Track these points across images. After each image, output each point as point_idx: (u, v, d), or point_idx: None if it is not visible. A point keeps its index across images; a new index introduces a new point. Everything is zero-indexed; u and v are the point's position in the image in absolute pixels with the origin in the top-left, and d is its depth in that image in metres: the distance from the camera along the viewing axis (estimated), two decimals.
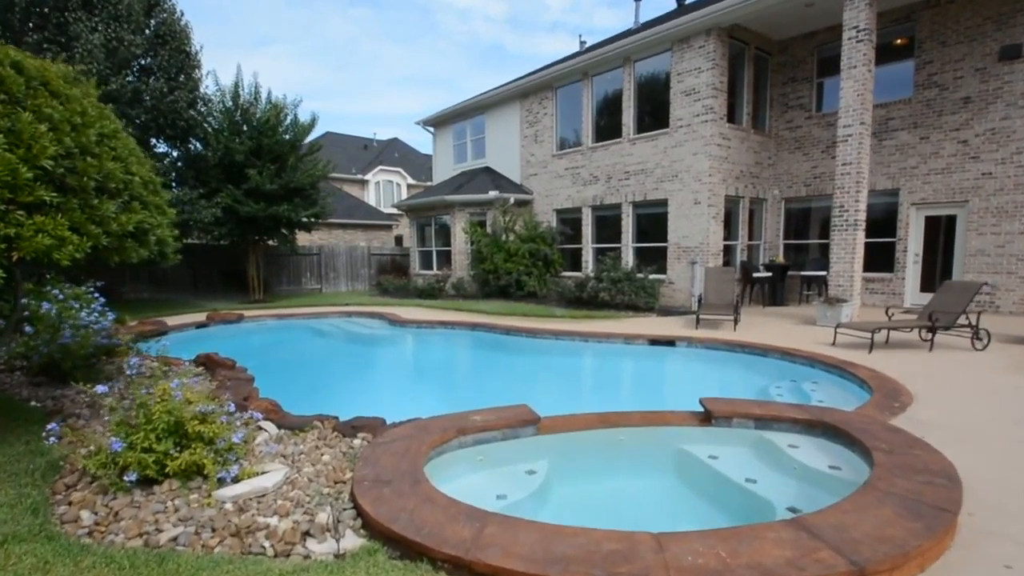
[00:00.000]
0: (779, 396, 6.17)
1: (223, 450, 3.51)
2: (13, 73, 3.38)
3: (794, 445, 4.10)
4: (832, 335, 8.77)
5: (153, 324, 11.02)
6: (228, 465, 3.46)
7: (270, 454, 3.84)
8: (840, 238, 10.63)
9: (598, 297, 13.63)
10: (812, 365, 7.24)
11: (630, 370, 8.87)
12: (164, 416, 3.41)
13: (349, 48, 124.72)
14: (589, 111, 15.97)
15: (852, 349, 7.94)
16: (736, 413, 4.39)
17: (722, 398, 4.81)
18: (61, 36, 11.55)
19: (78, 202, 3.47)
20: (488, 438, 4.23)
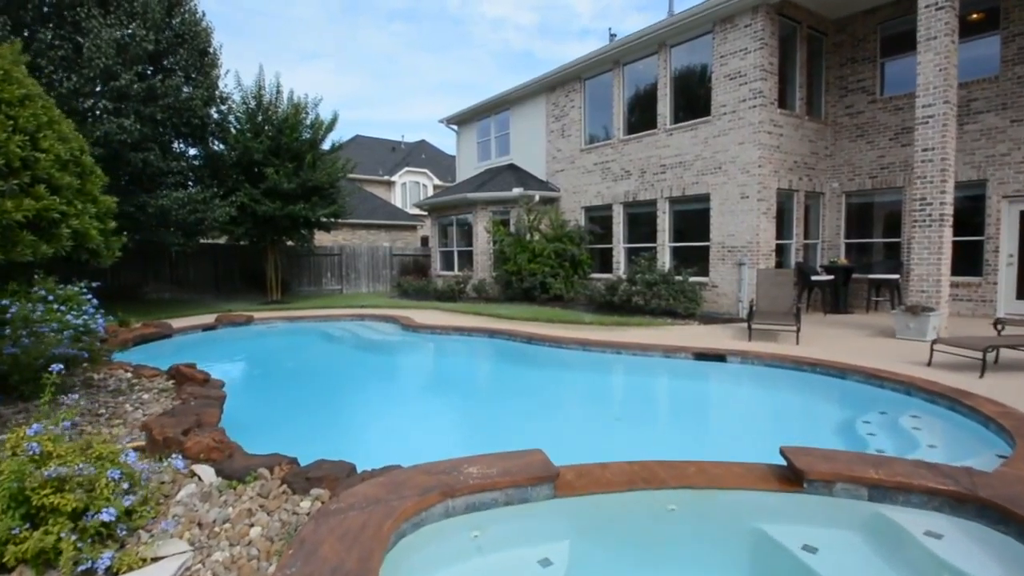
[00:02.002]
0: (871, 437, 4.80)
1: (97, 526, 2.42)
2: None
3: (934, 533, 2.78)
4: (920, 350, 7.29)
5: (157, 327, 10.28)
6: (100, 549, 2.38)
7: (182, 521, 2.78)
8: (922, 236, 9.07)
9: (631, 301, 12.30)
10: (908, 392, 5.81)
11: (673, 393, 7.55)
12: (10, 479, 2.35)
13: (387, 60, 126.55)
14: (620, 101, 14.67)
15: (953, 371, 6.47)
16: (840, 476, 3.10)
17: (814, 449, 3.49)
18: (77, 34, 11.12)
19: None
20: (486, 502, 3.06)
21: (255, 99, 15.53)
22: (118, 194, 11.85)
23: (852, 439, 4.89)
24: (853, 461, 3.28)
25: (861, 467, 3.18)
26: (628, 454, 4.61)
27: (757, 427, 5.75)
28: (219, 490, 3.19)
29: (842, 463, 3.24)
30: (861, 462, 3.27)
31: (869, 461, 3.30)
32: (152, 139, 12.40)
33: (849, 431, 5.10)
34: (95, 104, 11.13)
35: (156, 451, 3.72)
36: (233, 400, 6.64)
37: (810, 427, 5.67)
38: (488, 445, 5.02)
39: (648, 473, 3.44)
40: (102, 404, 5.03)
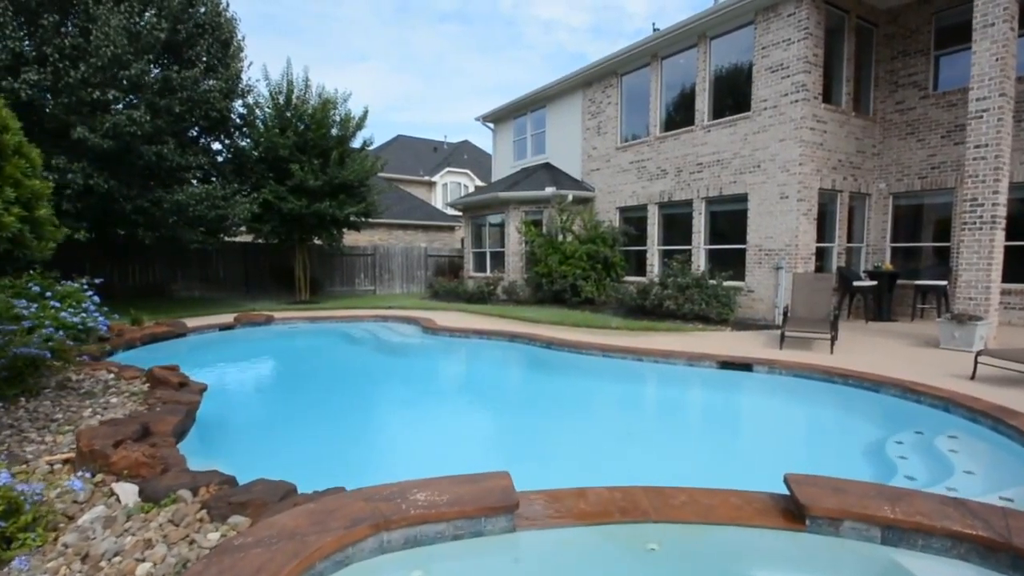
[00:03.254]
0: (902, 461, 4.30)
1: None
2: None
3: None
4: (965, 362, 6.63)
5: (170, 326, 10.40)
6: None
7: (67, 553, 2.53)
8: (972, 239, 8.30)
9: (662, 306, 11.82)
10: (947, 409, 5.23)
11: (692, 404, 7.11)
12: None
13: (437, 61, 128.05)
14: (658, 97, 14.16)
15: (1000, 386, 5.81)
16: (849, 512, 2.69)
17: (822, 479, 3.07)
18: (87, 21, 11.15)
19: None
20: (430, 536, 2.74)
21: (283, 95, 15.59)
22: (131, 188, 12.12)
23: (881, 462, 4.41)
24: (867, 495, 2.86)
25: (875, 503, 2.76)
26: (634, 473, 4.32)
27: (776, 445, 5.28)
28: (127, 515, 2.90)
29: (853, 497, 2.82)
30: (876, 496, 2.85)
31: (886, 495, 2.87)
32: (168, 132, 12.36)
33: (878, 453, 4.59)
34: (103, 95, 11.13)
35: (83, 464, 3.51)
36: (225, 404, 6.60)
37: (835, 446, 5.17)
38: (478, 459, 4.77)
39: (629, 502, 3.10)
40: (64, 408, 4.96)
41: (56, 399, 5.20)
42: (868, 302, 11.62)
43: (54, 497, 3.09)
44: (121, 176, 11.99)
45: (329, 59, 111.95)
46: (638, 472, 4.45)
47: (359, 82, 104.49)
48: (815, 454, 4.99)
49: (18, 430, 4.33)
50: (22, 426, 4.42)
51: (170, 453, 3.91)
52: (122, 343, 9.01)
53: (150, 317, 11.44)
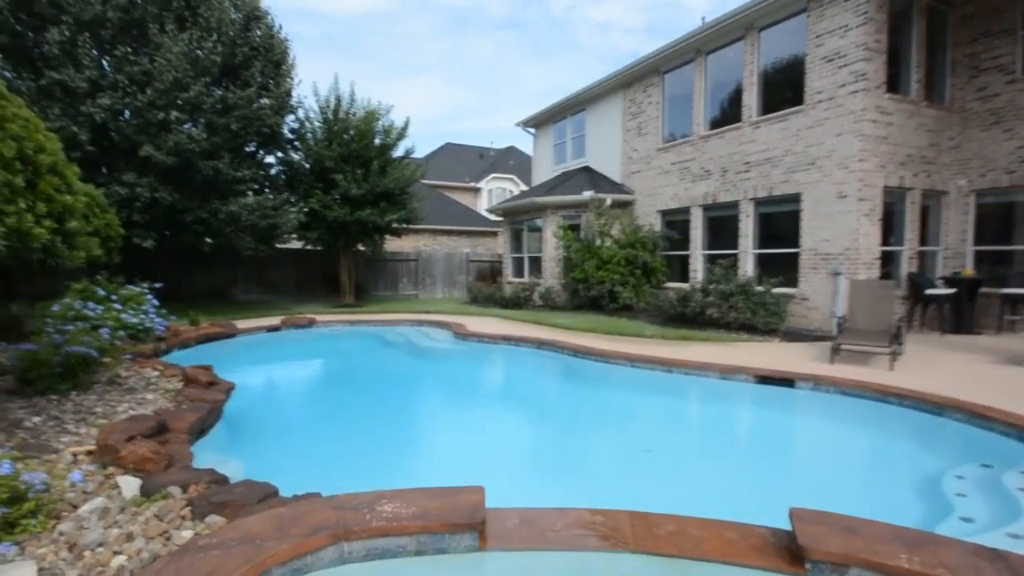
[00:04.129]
0: (960, 499, 3.67)
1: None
2: None
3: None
4: None
5: (222, 327, 10.86)
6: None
7: (59, 541, 2.57)
8: None
9: (704, 314, 11.15)
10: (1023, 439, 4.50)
11: (716, 422, 6.52)
12: None
13: (490, 69, 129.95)
14: (702, 94, 13.49)
15: None
16: (855, 559, 2.24)
17: (833, 516, 2.60)
18: (153, 50, 12.07)
19: None
20: (392, 549, 2.58)
21: (332, 111, 16.15)
22: (192, 200, 12.88)
23: (933, 499, 3.80)
24: (882, 538, 2.37)
25: (890, 548, 2.29)
26: (644, 495, 3.95)
27: (809, 472, 4.69)
28: (121, 507, 2.95)
29: (864, 540, 2.35)
30: (893, 540, 2.36)
31: (906, 540, 2.37)
32: (224, 148, 13.12)
33: (932, 488, 3.97)
34: (166, 116, 11.94)
35: (100, 457, 3.62)
36: (255, 402, 6.79)
37: (880, 478, 4.55)
38: (474, 468, 4.54)
39: (611, 528, 2.77)
40: (106, 403, 5.15)
41: (102, 394, 5.47)
42: (944, 312, 10.48)
43: (67, 486, 3.20)
44: (183, 189, 12.76)
45: (388, 74, 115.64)
46: (648, 494, 4.06)
47: (416, 94, 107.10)
48: (854, 485, 4.39)
49: (60, 422, 4.57)
50: (64, 418, 4.66)
51: (179, 450, 4.00)
52: (178, 342, 9.44)
53: (207, 318, 11.98)
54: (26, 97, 11.11)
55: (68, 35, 11.32)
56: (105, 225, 8.10)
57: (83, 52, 11.43)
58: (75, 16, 11.32)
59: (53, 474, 3.26)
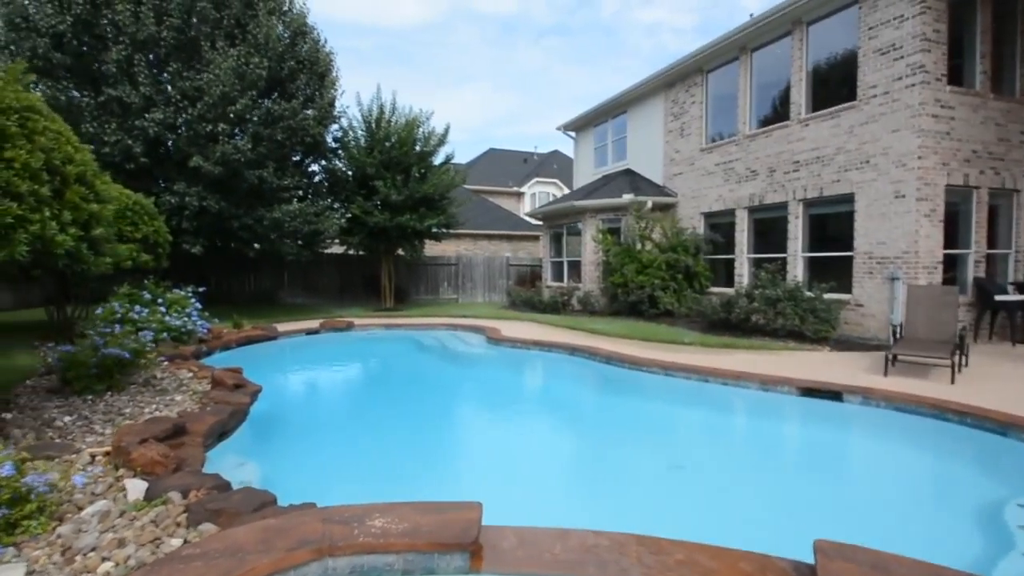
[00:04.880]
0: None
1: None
2: None
3: None
4: None
5: (263, 330, 11.15)
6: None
7: (56, 543, 2.60)
8: None
9: (749, 320, 10.67)
10: None
11: (753, 437, 6.16)
12: None
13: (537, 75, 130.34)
14: (747, 93, 12.97)
15: None
16: None
17: (863, 550, 2.35)
18: (205, 66, 12.69)
19: None
20: (378, 567, 2.48)
21: (375, 120, 16.50)
22: (238, 208, 13.35)
23: (993, 530, 3.44)
24: None
25: None
26: (666, 514, 3.77)
27: (850, 496, 4.32)
28: (121, 511, 2.97)
29: None
30: None
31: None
32: (270, 158, 13.59)
33: (992, 517, 3.59)
34: (214, 128, 12.46)
35: (114, 458, 3.67)
36: (283, 405, 6.92)
37: (931, 504, 4.16)
38: (493, 481, 4.47)
39: (614, 554, 2.60)
40: (136, 404, 5.30)
41: (134, 395, 5.61)
42: (1016, 321, 9.62)
43: (75, 488, 3.23)
44: (229, 197, 13.31)
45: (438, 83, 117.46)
46: (672, 514, 3.87)
47: (464, 102, 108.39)
48: (900, 513, 4.00)
49: (89, 422, 4.69)
50: (94, 419, 4.78)
51: (192, 453, 4.02)
52: (219, 344, 9.72)
53: (250, 321, 12.34)
54: (87, 113, 11.87)
55: (125, 54, 12.03)
56: (153, 232, 8.52)
57: (138, 70, 12.10)
58: (132, 36, 12.02)
59: (69, 474, 3.34)
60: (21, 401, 5.11)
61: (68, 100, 11.87)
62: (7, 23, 11.92)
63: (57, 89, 11.85)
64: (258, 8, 13.65)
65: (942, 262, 9.49)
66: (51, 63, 11.94)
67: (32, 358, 6.80)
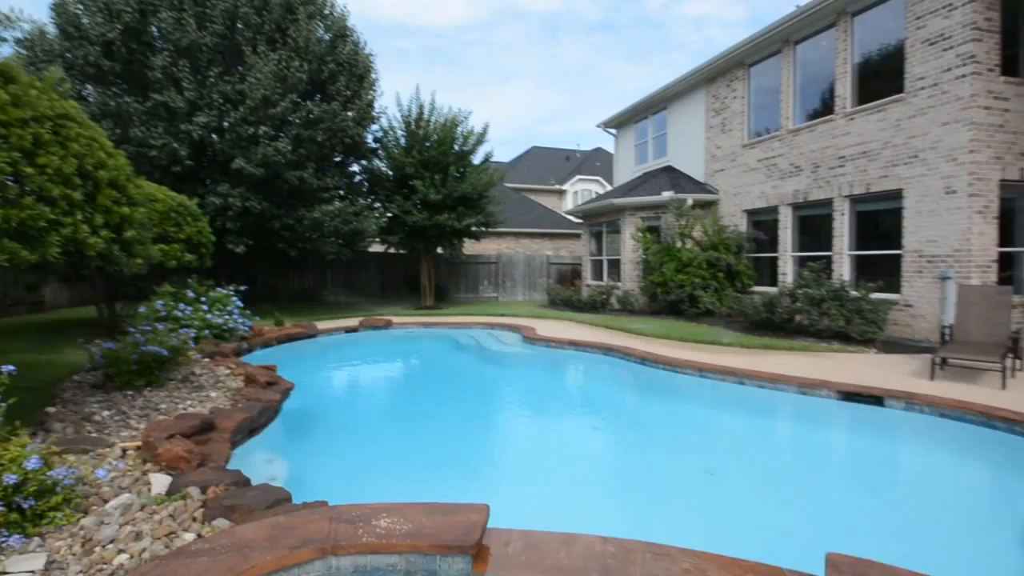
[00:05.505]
0: None
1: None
2: None
3: None
4: None
5: (303, 328, 11.51)
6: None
7: (78, 534, 2.72)
8: None
9: (793, 321, 10.31)
10: None
11: (787, 442, 5.95)
12: None
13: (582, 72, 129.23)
14: (790, 86, 12.51)
15: None
16: None
17: (879, 565, 2.25)
18: (247, 71, 13.15)
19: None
20: (381, 568, 2.52)
21: (414, 120, 16.73)
22: (279, 208, 13.76)
23: None
24: None
25: None
26: (690, 521, 3.72)
27: (884, 508, 4.11)
28: (143, 505, 3.07)
29: None
30: None
31: None
32: (310, 159, 13.96)
33: None
34: (256, 130, 12.88)
35: (144, 453, 3.84)
36: (317, 402, 7.15)
37: (974, 519, 3.91)
38: (513, 481, 4.53)
39: (620, 561, 2.57)
40: (172, 399, 5.46)
41: (172, 391, 5.82)
42: None
43: (104, 481, 3.37)
44: (271, 198, 13.74)
45: (483, 82, 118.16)
46: (694, 518, 3.82)
47: (508, 100, 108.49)
48: (936, 526, 3.79)
49: (125, 417, 4.89)
50: (130, 413, 4.98)
51: (218, 449, 4.16)
52: (260, 342, 10.07)
53: (292, 319, 12.77)
54: (135, 118, 12.50)
55: (170, 60, 12.56)
56: (197, 232, 8.91)
57: (183, 75, 12.62)
58: (175, 43, 12.55)
59: (99, 468, 3.50)
60: (65, 395, 5.37)
61: (118, 105, 12.48)
62: (62, 32, 12.64)
63: (107, 95, 12.46)
64: (298, 12, 14.01)
65: (996, 261, 8.91)
66: (102, 70, 12.60)
67: (80, 354, 7.16)
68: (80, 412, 4.85)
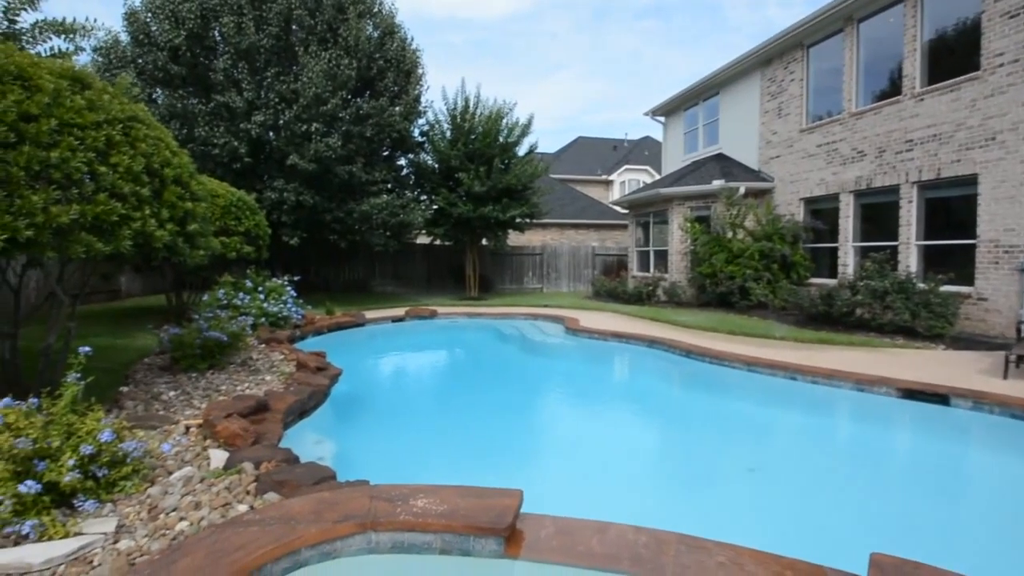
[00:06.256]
0: None
1: (34, 496, 2.65)
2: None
3: None
4: None
5: (352, 317, 11.90)
6: (35, 516, 2.60)
7: (145, 502, 2.96)
8: None
9: (853, 314, 9.83)
10: None
11: (842, 442, 5.67)
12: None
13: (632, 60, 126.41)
14: (853, 67, 11.82)
15: None
16: None
17: (928, 568, 2.14)
18: (300, 70, 13.61)
19: (3, 193, 3.13)
20: (417, 545, 2.62)
21: (460, 113, 16.88)
22: (331, 202, 14.19)
23: None
24: None
25: None
26: (739, 520, 3.63)
27: (943, 514, 3.87)
28: (203, 477, 3.29)
29: None
30: None
31: None
32: (359, 154, 14.33)
33: None
34: (308, 127, 13.30)
35: (204, 430, 4.12)
36: (364, 387, 7.41)
37: None
38: (550, 471, 4.57)
39: (652, 551, 2.55)
40: (232, 381, 5.85)
41: (232, 374, 6.21)
42: None
43: (168, 455, 3.66)
44: (323, 192, 14.22)
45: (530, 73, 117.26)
46: (734, 517, 3.71)
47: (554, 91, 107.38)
48: (997, 536, 3.54)
49: (189, 397, 5.27)
50: (194, 394, 5.36)
51: (271, 428, 4.40)
52: (312, 329, 10.50)
53: (342, 309, 13.20)
54: (200, 119, 13.19)
55: (230, 63, 13.19)
56: (254, 225, 9.34)
57: (242, 76, 13.21)
58: (235, 46, 13.15)
59: (165, 443, 3.78)
60: (137, 376, 5.82)
61: (184, 107, 13.22)
62: (133, 39, 13.47)
63: (174, 97, 13.24)
64: (348, 12, 14.39)
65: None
66: (169, 74, 13.37)
67: (150, 339, 7.72)
68: (149, 392, 5.25)
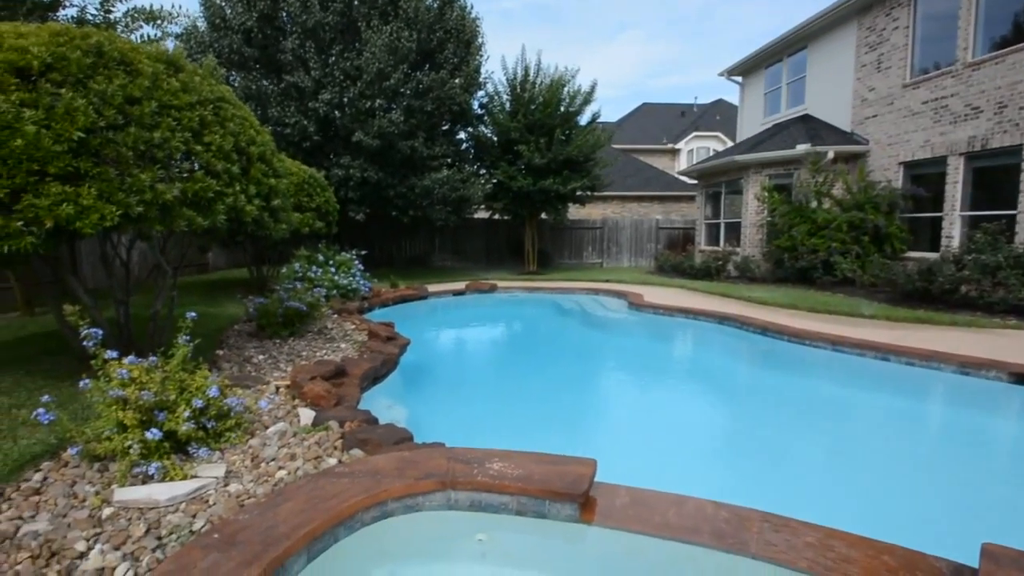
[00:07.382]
0: None
1: (156, 442, 2.95)
2: (79, 55, 3.39)
3: None
4: None
5: (416, 290, 12.23)
6: (159, 460, 2.93)
7: (249, 452, 3.28)
8: None
9: (957, 291, 8.92)
10: None
11: (940, 427, 5.23)
12: (94, 395, 3.11)
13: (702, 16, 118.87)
14: (971, 9, 10.46)
15: None
16: None
17: None
18: (363, 46, 13.64)
19: (115, 172, 3.35)
20: (494, 504, 2.72)
21: (520, 83, 16.41)
22: (394, 177, 14.30)
23: None
24: None
25: None
26: (821, 503, 3.33)
27: None
28: (294, 433, 3.57)
29: None
30: None
31: None
32: (420, 128, 14.29)
33: None
34: (372, 104, 13.38)
35: (291, 390, 4.44)
36: (431, 356, 7.63)
37: None
38: (619, 448, 4.35)
39: (733, 526, 2.41)
40: (311, 348, 6.19)
41: (310, 341, 6.61)
42: None
43: (262, 411, 3.97)
44: (386, 168, 14.44)
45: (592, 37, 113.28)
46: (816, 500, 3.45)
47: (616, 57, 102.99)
48: None
49: (276, 360, 5.65)
50: (279, 358, 5.76)
51: (350, 391, 4.64)
52: (378, 302, 10.89)
53: (405, 282, 13.55)
54: (272, 99, 13.62)
55: (298, 43, 13.44)
56: (325, 202, 9.64)
57: (309, 56, 13.45)
58: (302, 25, 13.37)
59: (257, 400, 4.08)
60: (229, 341, 6.27)
61: (258, 88, 13.67)
62: (210, 24, 14.01)
63: (249, 79, 13.68)
64: None
65: None
66: (243, 56, 13.82)
67: (237, 308, 8.21)
68: (241, 355, 5.66)
